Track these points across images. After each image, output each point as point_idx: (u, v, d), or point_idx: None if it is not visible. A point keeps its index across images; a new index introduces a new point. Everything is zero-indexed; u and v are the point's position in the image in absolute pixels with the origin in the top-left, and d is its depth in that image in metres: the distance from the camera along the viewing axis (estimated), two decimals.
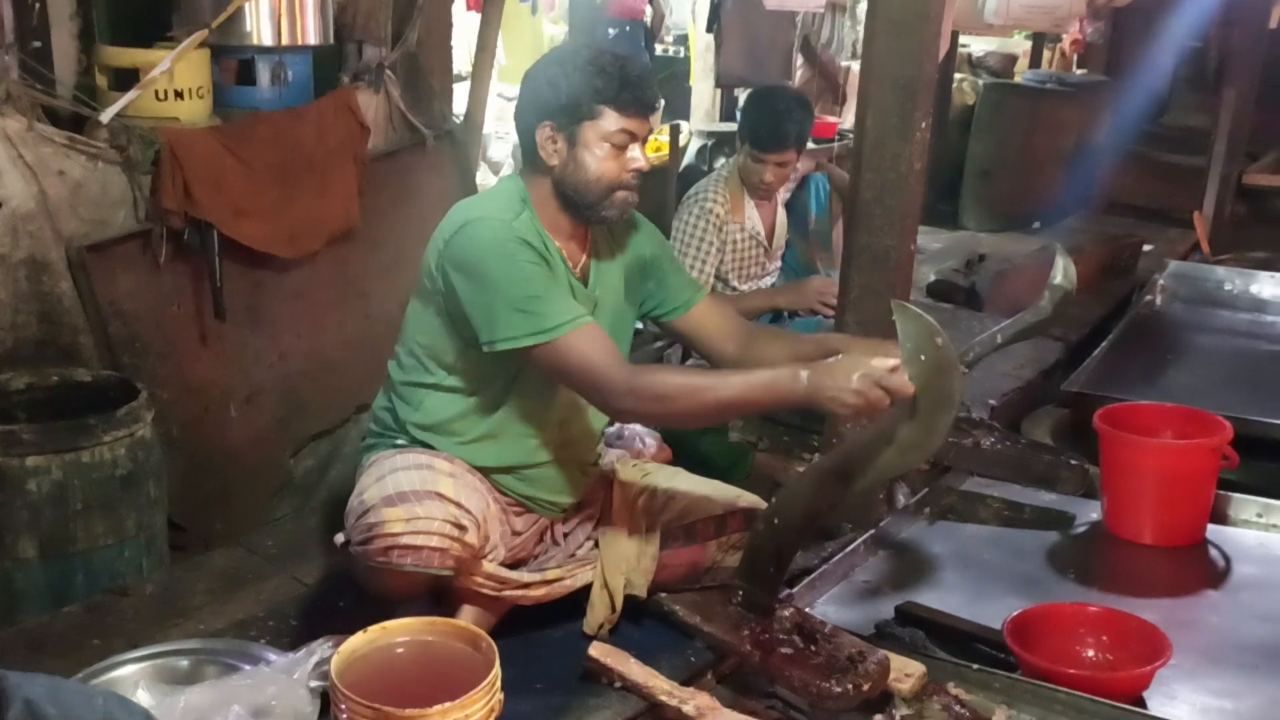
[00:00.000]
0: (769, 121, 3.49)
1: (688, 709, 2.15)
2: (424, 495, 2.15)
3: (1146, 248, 5.53)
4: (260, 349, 3.42)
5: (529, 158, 2.32)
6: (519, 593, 2.33)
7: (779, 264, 3.78)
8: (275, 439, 3.49)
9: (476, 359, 2.27)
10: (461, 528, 2.13)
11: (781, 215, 3.76)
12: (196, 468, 3.20)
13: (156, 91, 3.05)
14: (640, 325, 3.59)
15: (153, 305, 3.10)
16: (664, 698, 2.17)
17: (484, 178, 4.75)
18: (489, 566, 2.28)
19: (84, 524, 2.62)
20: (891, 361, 2.02)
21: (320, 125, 3.41)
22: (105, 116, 2.92)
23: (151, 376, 3.05)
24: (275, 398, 3.48)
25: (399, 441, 2.36)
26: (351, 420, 3.66)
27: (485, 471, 2.34)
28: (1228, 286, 4.95)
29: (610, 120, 2.23)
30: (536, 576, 2.36)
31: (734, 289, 3.62)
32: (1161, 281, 4.92)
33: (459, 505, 2.15)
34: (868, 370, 2.02)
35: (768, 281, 3.72)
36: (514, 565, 2.39)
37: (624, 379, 2.16)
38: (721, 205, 3.51)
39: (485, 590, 2.29)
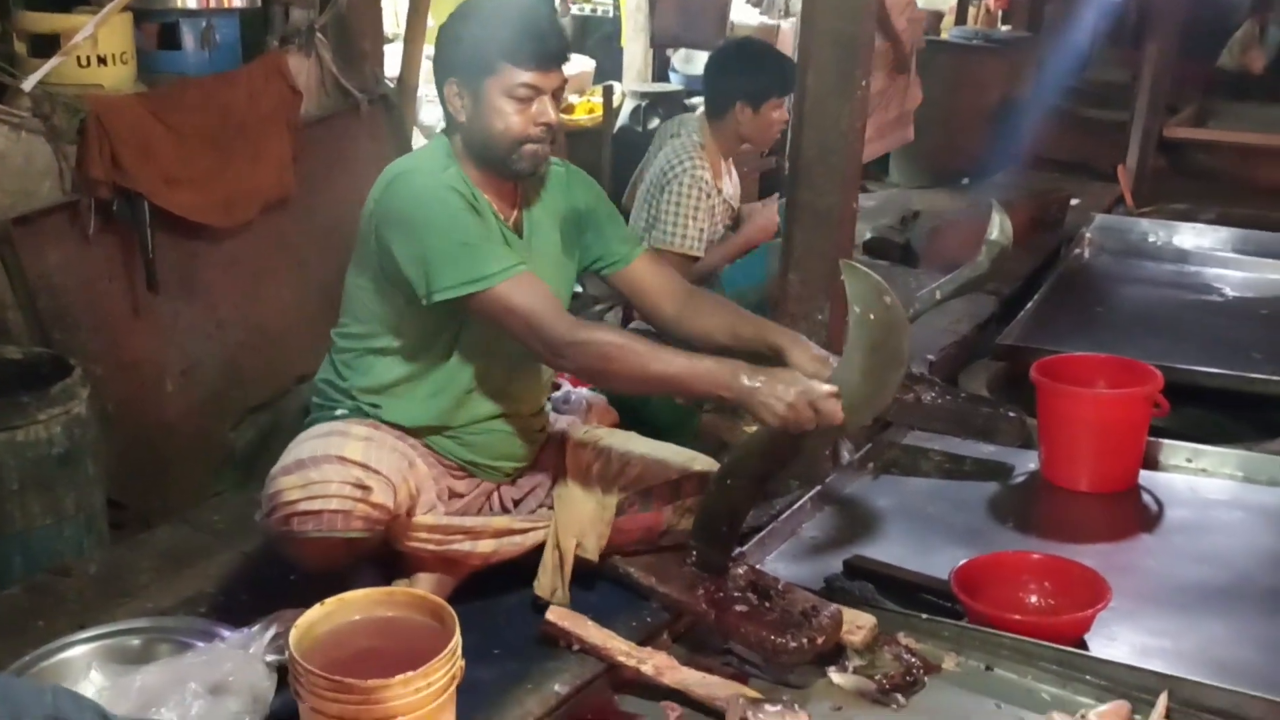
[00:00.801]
0: (776, 68, 3.43)
1: (646, 668, 2.17)
2: (322, 460, 2.14)
3: (1073, 202, 5.63)
4: (196, 321, 3.35)
5: (445, 114, 2.32)
6: (466, 547, 2.31)
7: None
8: (214, 412, 3.43)
9: (418, 320, 2.26)
10: (365, 488, 2.12)
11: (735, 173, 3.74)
12: (134, 444, 3.13)
13: (79, 58, 2.95)
14: (580, 288, 3.55)
15: (83, 279, 3.01)
16: (622, 658, 2.18)
17: (418, 141, 4.67)
18: (428, 519, 2.27)
19: (20, 504, 2.56)
20: (830, 388, 2.07)
21: (251, 90, 3.33)
22: (27, 84, 2.82)
23: (84, 352, 2.97)
24: (213, 370, 3.42)
25: (339, 412, 2.34)
26: (292, 391, 3.60)
27: (425, 433, 2.34)
28: (1151, 238, 5.08)
29: (511, 75, 2.21)
30: (479, 522, 2.34)
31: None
32: (1088, 235, 5.02)
33: (363, 466, 2.14)
34: (807, 389, 2.07)
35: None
36: None
37: (566, 329, 2.17)
38: (707, 172, 3.43)
39: (429, 546, 2.28)
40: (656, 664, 2.18)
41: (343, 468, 2.13)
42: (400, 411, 2.32)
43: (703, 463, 2.47)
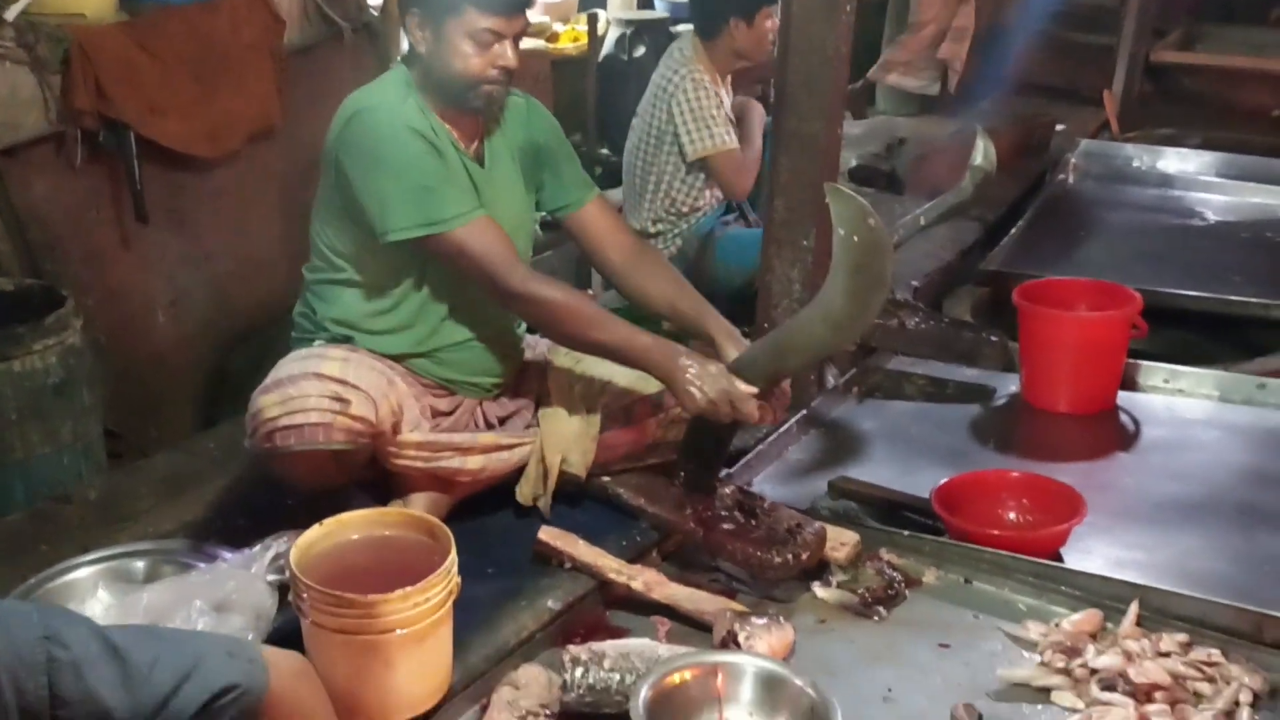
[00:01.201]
0: None
1: (636, 585, 2.24)
2: (299, 378, 2.20)
3: (1059, 127, 5.63)
4: (184, 251, 3.36)
5: (409, 44, 2.33)
6: (456, 464, 2.36)
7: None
8: (205, 342, 3.45)
9: (382, 255, 2.30)
10: (343, 400, 2.17)
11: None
12: (127, 374, 3.16)
13: None
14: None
15: (71, 209, 3.02)
16: (613, 575, 2.25)
17: None
18: (415, 436, 2.32)
19: (20, 434, 2.60)
20: (751, 389, 2.19)
21: (234, 19, 3.30)
22: (11, 14, 2.79)
23: (74, 283, 2.98)
24: (203, 300, 3.44)
25: (316, 342, 2.38)
26: (282, 320, 3.62)
27: (401, 358, 2.38)
28: (1136, 163, 5.10)
29: (473, 18, 2.22)
30: (466, 438, 2.39)
31: None
32: (1073, 160, 5.04)
33: (341, 382, 2.19)
34: (732, 390, 2.19)
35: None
36: None
37: (519, 281, 2.24)
38: (706, 75, 3.52)
39: (419, 464, 2.33)
40: (646, 580, 2.24)
41: (320, 383, 2.18)
42: (374, 342, 2.37)
43: None
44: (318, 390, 2.17)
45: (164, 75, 3.10)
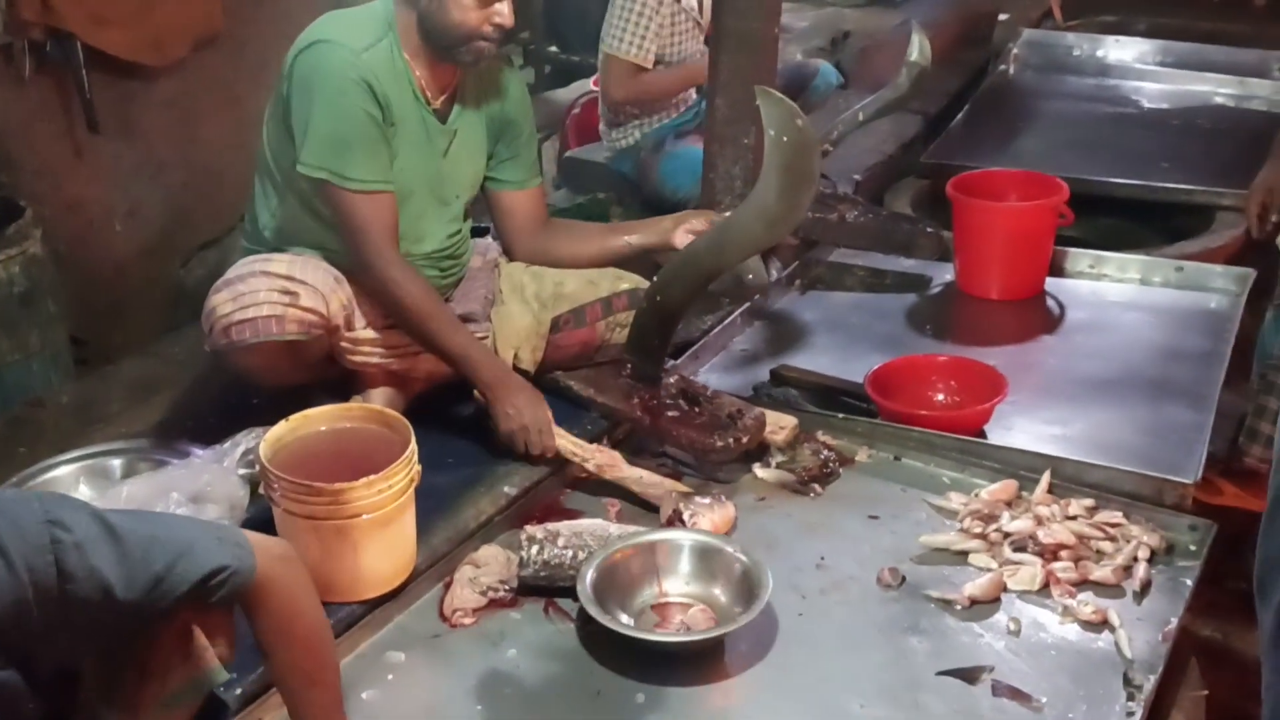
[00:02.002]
0: None
1: (590, 466, 2.38)
2: (248, 275, 2.29)
3: (1002, 17, 5.66)
4: (137, 161, 3.41)
5: None
6: (410, 362, 2.46)
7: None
8: (163, 251, 3.52)
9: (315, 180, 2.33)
10: (292, 294, 2.26)
11: None
12: (89, 283, 3.23)
13: None
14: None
15: (22, 121, 3.06)
16: (570, 457, 2.39)
17: None
18: (369, 333, 2.42)
19: None
20: (551, 427, 2.34)
21: None
22: None
23: (30, 194, 3.04)
24: (157, 210, 3.49)
25: (261, 252, 2.44)
26: (237, 228, 3.67)
27: (342, 269, 2.44)
28: (1076, 52, 5.15)
29: None
30: None
31: (667, 64, 3.57)
32: (1015, 50, 5.09)
33: (289, 278, 2.28)
34: (541, 423, 2.33)
35: (699, 57, 3.55)
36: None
37: (384, 264, 2.30)
38: None
39: (375, 360, 2.43)
40: (599, 462, 2.38)
41: (269, 279, 2.28)
42: (311, 253, 2.42)
43: (631, 280, 2.63)
44: (266, 285, 2.26)
45: None
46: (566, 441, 2.38)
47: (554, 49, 5.53)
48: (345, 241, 2.34)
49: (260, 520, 2.03)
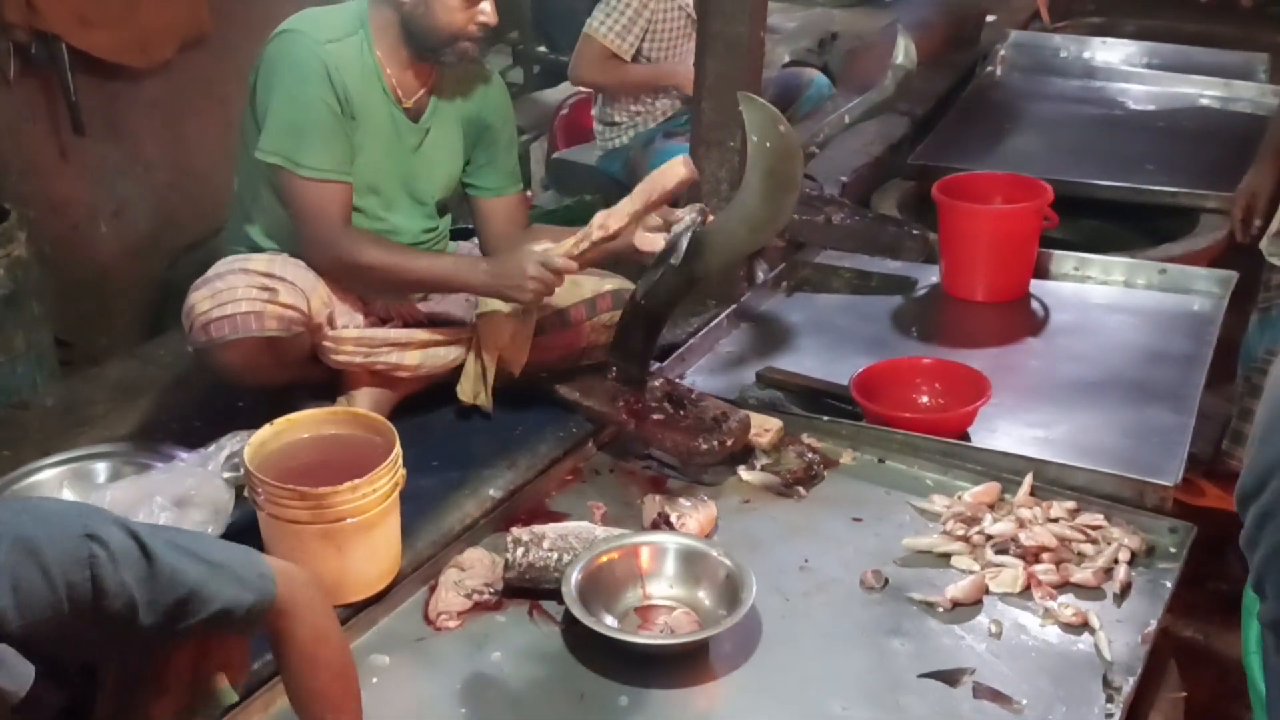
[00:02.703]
0: None
1: (596, 235, 2.33)
2: (227, 273, 2.30)
3: (989, 18, 5.68)
4: (123, 162, 3.41)
5: None
6: (394, 359, 2.46)
7: None
8: (148, 252, 3.52)
9: (271, 168, 2.34)
10: (271, 290, 2.27)
11: None
12: (74, 285, 3.23)
13: None
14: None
15: (8, 122, 3.06)
16: (583, 249, 2.35)
17: None
18: (351, 331, 2.43)
19: None
20: (546, 243, 2.29)
21: None
22: None
23: (16, 196, 3.04)
24: (143, 211, 3.49)
25: (241, 250, 2.46)
26: (223, 230, 3.68)
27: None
28: (1063, 54, 5.16)
29: None
30: (403, 333, 2.50)
31: (649, 60, 3.59)
32: (1002, 52, 5.10)
33: (268, 275, 2.30)
34: (536, 256, 2.28)
35: (689, 57, 3.52)
36: None
37: (334, 241, 2.33)
38: None
39: (359, 359, 2.44)
40: (602, 223, 2.34)
41: (247, 276, 2.29)
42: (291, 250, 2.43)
43: (615, 282, 2.64)
44: (245, 282, 2.27)
45: None
46: (568, 246, 2.37)
47: (543, 49, 5.53)
48: (298, 229, 2.35)
49: (245, 524, 2.04)
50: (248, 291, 2.26)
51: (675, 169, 2.27)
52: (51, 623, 1.28)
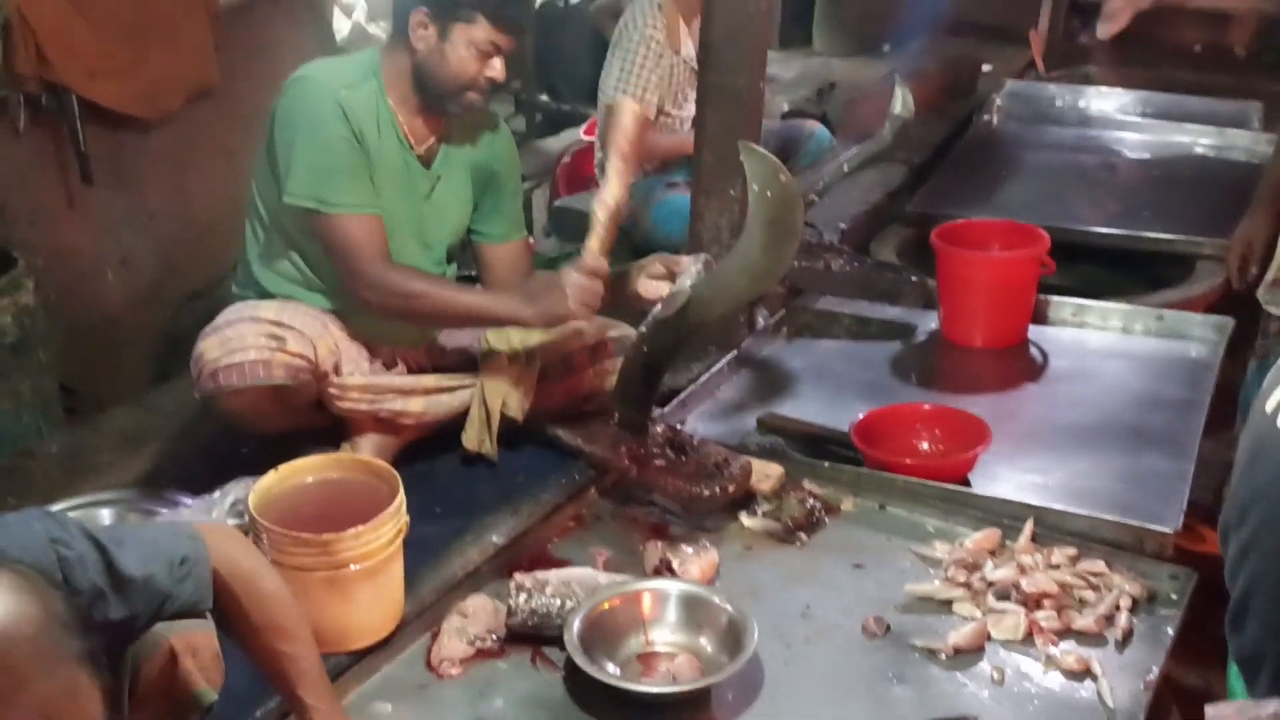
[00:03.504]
0: None
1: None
2: (236, 321, 2.33)
3: (985, 68, 5.75)
4: (129, 212, 3.45)
5: (398, 32, 2.41)
6: (398, 406, 2.49)
7: None
8: (154, 301, 3.55)
9: (300, 213, 2.38)
10: (279, 338, 2.30)
11: None
12: (80, 332, 3.25)
13: None
14: None
15: (17, 172, 3.10)
16: (600, 247, 2.44)
17: (338, 22, 4.69)
18: (356, 379, 2.44)
19: None
20: (587, 263, 2.35)
21: None
22: None
23: (23, 244, 3.07)
24: (149, 260, 3.53)
25: (251, 298, 2.48)
26: (228, 278, 3.71)
27: (333, 313, 2.48)
28: (1058, 103, 5.23)
29: (483, 29, 2.34)
30: (407, 381, 2.53)
31: (668, 115, 3.63)
32: (998, 101, 5.17)
33: (277, 323, 2.32)
34: (566, 277, 2.33)
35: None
36: None
37: (378, 272, 2.34)
38: (660, 32, 3.49)
39: (363, 407, 2.46)
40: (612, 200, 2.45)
41: (256, 324, 2.32)
42: (303, 296, 2.47)
43: (618, 328, 2.67)
44: (254, 330, 2.30)
45: (100, 38, 3.17)
46: (590, 247, 2.43)
47: (545, 98, 5.60)
48: (338, 266, 2.37)
49: None
50: (256, 340, 2.28)
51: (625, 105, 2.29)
52: None
